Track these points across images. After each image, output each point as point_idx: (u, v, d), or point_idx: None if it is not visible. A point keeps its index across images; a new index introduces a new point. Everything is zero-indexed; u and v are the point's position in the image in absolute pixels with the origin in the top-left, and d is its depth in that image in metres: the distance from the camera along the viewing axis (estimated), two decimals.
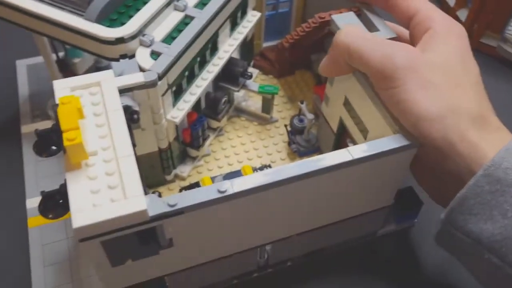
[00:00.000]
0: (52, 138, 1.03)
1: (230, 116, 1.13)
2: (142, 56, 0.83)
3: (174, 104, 0.90)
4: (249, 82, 1.08)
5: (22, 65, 1.22)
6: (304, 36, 1.03)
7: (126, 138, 0.70)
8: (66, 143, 0.62)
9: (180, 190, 1.00)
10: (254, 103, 1.14)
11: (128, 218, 0.62)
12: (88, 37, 0.82)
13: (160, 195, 0.98)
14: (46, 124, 1.10)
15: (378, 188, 0.84)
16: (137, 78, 0.80)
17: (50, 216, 0.95)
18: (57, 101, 0.72)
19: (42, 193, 0.95)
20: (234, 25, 1.03)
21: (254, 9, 1.10)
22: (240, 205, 0.70)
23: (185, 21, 0.90)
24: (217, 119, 1.05)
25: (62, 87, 0.75)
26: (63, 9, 0.85)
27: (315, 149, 1.07)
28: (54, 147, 1.03)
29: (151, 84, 0.80)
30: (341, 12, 0.93)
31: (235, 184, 0.67)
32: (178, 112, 0.90)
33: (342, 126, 0.94)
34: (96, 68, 1.13)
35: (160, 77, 0.82)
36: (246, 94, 1.14)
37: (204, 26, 0.89)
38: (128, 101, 0.80)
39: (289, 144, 1.07)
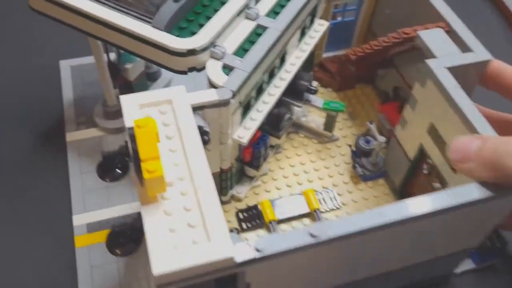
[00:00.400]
0: (118, 161, 0.94)
1: (288, 132, 1.05)
2: (214, 70, 0.76)
3: (241, 123, 0.83)
4: (312, 97, 1.00)
5: (66, 66, 1.15)
6: (378, 50, 0.94)
7: (205, 166, 0.62)
8: (146, 175, 0.55)
9: (237, 213, 0.93)
10: (314, 119, 1.06)
11: (213, 265, 0.55)
12: (156, 47, 0.74)
13: (238, 232, 0.90)
14: (91, 133, 1.03)
15: (469, 232, 0.76)
16: (211, 95, 0.72)
17: (119, 252, 0.87)
18: (127, 121, 0.65)
19: (113, 227, 0.87)
20: (302, 35, 0.95)
21: (320, 17, 1.01)
22: (329, 249, 0.62)
23: (257, 32, 0.82)
24: (277, 136, 0.97)
25: (130, 103, 0.68)
26: (128, 13, 0.77)
27: (381, 174, 0.99)
28: (119, 171, 0.94)
29: (224, 103, 0.73)
30: (427, 28, 0.85)
31: (329, 228, 0.59)
32: (245, 131, 0.82)
33: (421, 154, 0.86)
34: (146, 74, 1.05)
35: (234, 95, 0.74)
36: (306, 109, 1.06)
37: (278, 37, 0.81)
38: (199, 121, 0.72)
39: (353, 166, 0.99)
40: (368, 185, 0.99)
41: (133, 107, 0.67)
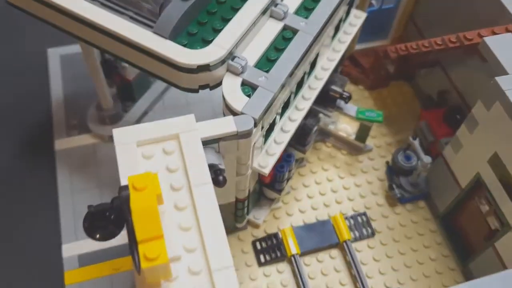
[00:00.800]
0: (110, 216, 0.75)
1: (314, 141, 0.90)
2: (231, 90, 0.60)
3: (263, 147, 0.68)
4: (345, 104, 0.85)
5: (54, 55, 0.98)
6: (426, 52, 0.78)
7: (222, 233, 0.48)
8: (144, 264, 0.41)
9: (254, 243, 0.80)
10: (344, 127, 0.91)
11: None
12: (159, 60, 0.59)
13: None
14: (84, 140, 0.88)
15: None
16: (227, 125, 0.57)
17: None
18: (121, 172, 0.51)
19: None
20: (335, 30, 0.79)
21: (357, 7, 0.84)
22: None
23: (285, 35, 0.66)
24: (302, 152, 0.83)
25: (123, 140, 0.53)
26: (125, 14, 0.61)
27: (422, 195, 0.85)
28: (112, 228, 0.75)
29: (245, 135, 0.58)
30: (495, 33, 0.68)
31: None
32: (268, 159, 0.68)
33: (477, 184, 0.72)
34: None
35: (257, 123, 0.59)
36: (336, 115, 0.91)
37: (312, 43, 0.65)
38: (211, 157, 0.58)
39: (390, 187, 0.84)
40: (407, 208, 0.85)
41: (128, 146, 0.53)
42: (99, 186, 0.84)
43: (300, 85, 0.72)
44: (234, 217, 0.77)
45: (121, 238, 0.81)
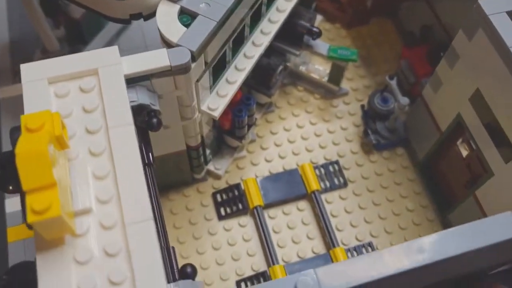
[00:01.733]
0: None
1: (282, 84, 0.82)
2: (167, 18, 0.52)
3: (212, 88, 0.60)
4: (315, 42, 0.76)
5: None
6: None
7: (141, 183, 0.41)
8: (31, 218, 0.35)
9: (214, 195, 0.73)
10: (317, 67, 0.82)
11: None
12: None
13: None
14: None
15: None
16: (159, 60, 0.49)
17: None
18: (26, 110, 0.43)
19: None
20: None
21: None
22: None
23: None
24: (267, 95, 0.75)
25: (32, 77, 0.46)
26: None
27: (400, 141, 0.77)
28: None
29: (181, 70, 0.50)
30: None
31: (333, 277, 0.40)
32: (219, 100, 0.60)
33: (458, 127, 0.64)
34: None
35: (196, 57, 0.51)
36: (307, 55, 0.82)
37: None
38: (143, 96, 0.50)
39: (365, 133, 0.77)
40: (384, 155, 0.77)
41: (38, 83, 0.45)
42: None
43: (257, 17, 0.63)
44: (190, 168, 0.71)
45: None
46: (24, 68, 0.46)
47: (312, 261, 0.67)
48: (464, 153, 0.64)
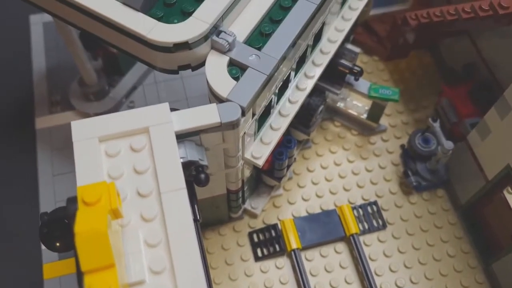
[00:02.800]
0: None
1: (320, 120, 0.80)
2: (216, 71, 0.51)
3: (256, 135, 0.59)
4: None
5: (37, 23, 0.89)
6: (452, 21, 0.67)
7: (195, 253, 0.40)
8: None
9: (250, 235, 0.72)
10: (355, 103, 0.81)
11: None
12: (130, 37, 0.50)
13: None
14: (67, 117, 0.80)
15: None
16: (209, 116, 0.48)
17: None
18: (78, 174, 0.43)
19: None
20: None
21: None
22: None
23: (282, 3, 0.55)
24: (306, 133, 0.74)
25: (83, 135, 0.45)
26: None
27: (440, 183, 0.75)
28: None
29: (231, 126, 0.49)
30: None
31: None
32: (263, 148, 0.59)
33: (507, 177, 0.62)
34: None
35: (246, 112, 0.50)
36: (346, 91, 0.80)
37: (315, 12, 0.55)
38: (191, 152, 0.49)
39: (405, 174, 0.75)
40: (424, 196, 0.76)
41: (89, 142, 0.45)
42: None
43: (302, 60, 0.62)
44: (228, 208, 0.70)
45: None
46: (75, 125, 0.45)
47: None
48: None
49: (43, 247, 0.71)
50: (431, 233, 0.73)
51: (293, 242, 0.70)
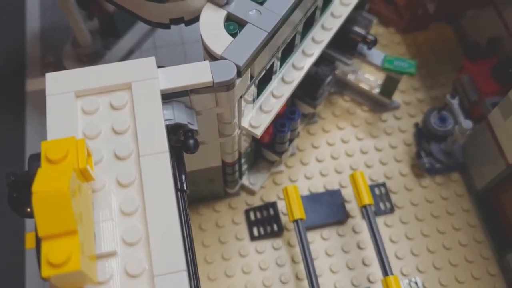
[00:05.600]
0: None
1: (329, 93, 0.75)
2: (211, 26, 0.46)
3: (256, 102, 0.54)
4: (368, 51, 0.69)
5: None
6: None
7: (174, 225, 0.36)
8: (46, 271, 0.29)
9: (246, 212, 0.67)
10: (367, 77, 0.75)
11: None
12: None
13: None
14: None
15: None
16: (200, 74, 0.43)
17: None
18: (49, 130, 0.38)
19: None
20: None
21: None
22: None
23: None
24: (312, 106, 0.68)
25: (58, 89, 0.40)
26: None
27: (456, 167, 0.70)
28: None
29: (225, 87, 0.44)
30: None
31: None
32: (262, 116, 0.54)
33: None
34: None
35: (242, 72, 0.45)
36: (357, 63, 0.75)
37: None
38: (180, 114, 0.44)
39: (417, 154, 0.70)
40: (436, 180, 0.70)
41: (64, 96, 0.40)
42: None
43: (309, 23, 0.57)
44: (224, 182, 0.65)
45: None
46: (50, 78, 0.40)
47: None
48: None
49: None
50: (443, 219, 0.68)
51: (297, 211, 0.64)
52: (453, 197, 0.69)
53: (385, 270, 0.59)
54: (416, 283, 0.63)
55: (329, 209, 0.67)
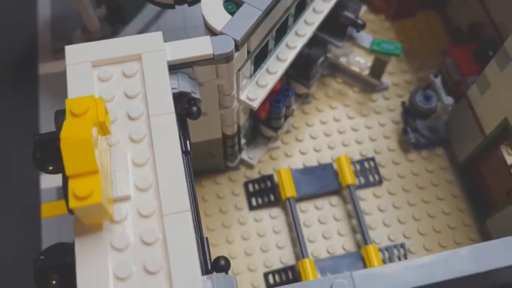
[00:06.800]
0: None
1: (321, 75, 0.80)
2: (212, 4, 0.51)
3: (252, 77, 0.59)
4: (358, 34, 0.74)
5: None
6: None
7: (179, 172, 0.41)
8: (73, 203, 0.35)
9: (246, 184, 0.73)
10: (358, 60, 0.80)
11: None
12: None
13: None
14: None
15: None
16: (202, 47, 0.48)
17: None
18: (70, 92, 0.43)
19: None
20: None
21: None
22: None
23: None
24: (306, 86, 0.74)
25: (77, 59, 0.45)
26: None
27: (439, 141, 0.75)
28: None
29: (224, 59, 0.49)
30: None
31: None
32: (258, 90, 0.59)
33: (504, 131, 0.61)
34: None
35: (239, 46, 0.50)
36: (348, 46, 0.80)
37: None
38: (184, 84, 0.49)
39: (404, 131, 0.75)
40: (422, 155, 0.75)
41: (82, 66, 0.45)
42: None
43: (302, 6, 0.62)
44: (224, 155, 0.70)
45: None
46: (69, 50, 0.46)
47: (343, 259, 0.66)
48: (509, 159, 0.62)
49: (42, 187, 0.72)
50: (427, 190, 0.73)
51: (289, 191, 0.70)
52: (437, 170, 0.75)
53: (365, 240, 0.67)
54: (402, 246, 0.68)
55: (321, 181, 0.73)
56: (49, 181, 0.72)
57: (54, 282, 0.38)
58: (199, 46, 0.48)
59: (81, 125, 0.35)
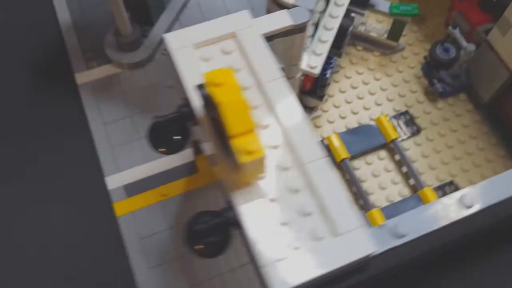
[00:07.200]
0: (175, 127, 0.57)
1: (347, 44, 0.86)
2: None
3: (309, 48, 0.64)
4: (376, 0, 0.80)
5: None
6: None
7: (304, 122, 0.46)
8: (244, 157, 0.38)
9: None
10: (375, 26, 0.87)
11: (345, 268, 0.41)
12: None
13: None
14: (106, 71, 0.83)
15: None
16: (283, 20, 0.53)
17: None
18: (186, 74, 0.47)
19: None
20: None
21: None
22: None
23: None
24: (338, 54, 0.79)
25: (179, 44, 0.49)
26: None
27: (462, 87, 0.83)
28: (178, 140, 0.55)
29: (301, 29, 0.54)
30: None
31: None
32: (316, 59, 0.64)
33: None
34: None
35: (310, 15, 0.55)
36: (365, 16, 0.86)
37: None
38: None
39: (430, 82, 0.82)
40: (448, 102, 0.83)
41: (186, 49, 0.49)
42: (130, 115, 0.80)
43: None
44: None
45: (164, 163, 0.79)
46: (168, 37, 0.49)
47: (406, 202, 0.73)
48: None
49: (109, 187, 0.74)
50: (461, 131, 0.80)
51: (342, 153, 0.76)
52: (464, 113, 0.82)
53: (420, 183, 0.73)
54: (452, 183, 0.75)
55: (368, 139, 0.78)
56: (114, 182, 0.75)
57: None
58: (279, 20, 0.53)
59: (231, 91, 0.39)
